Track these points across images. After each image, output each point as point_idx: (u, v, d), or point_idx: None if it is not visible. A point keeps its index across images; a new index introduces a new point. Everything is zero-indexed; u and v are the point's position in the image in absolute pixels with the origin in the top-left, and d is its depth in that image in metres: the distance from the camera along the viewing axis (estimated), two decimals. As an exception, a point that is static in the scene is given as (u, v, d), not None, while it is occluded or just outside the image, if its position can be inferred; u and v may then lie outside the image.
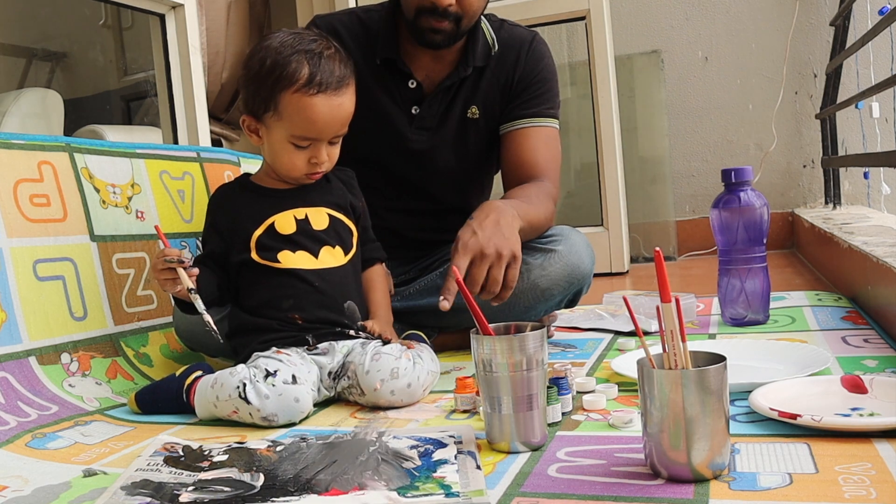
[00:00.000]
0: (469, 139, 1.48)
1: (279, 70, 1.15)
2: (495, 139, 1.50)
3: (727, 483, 0.74)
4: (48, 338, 1.23)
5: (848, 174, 2.83)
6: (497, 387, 0.87)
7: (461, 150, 1.49)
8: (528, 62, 1.46)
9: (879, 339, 1.28)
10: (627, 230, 2.78)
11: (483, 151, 1.51)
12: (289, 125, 1.17)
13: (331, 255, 1.23)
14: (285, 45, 1.17)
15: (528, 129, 1.44)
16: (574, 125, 3.00)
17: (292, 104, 1.15)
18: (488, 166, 1.57)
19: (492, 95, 1.46)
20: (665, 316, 0.78)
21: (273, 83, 1.16)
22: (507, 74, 1.46)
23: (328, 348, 1.18)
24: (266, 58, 1.17)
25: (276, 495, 0.79)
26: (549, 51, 1.51)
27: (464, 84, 1.45)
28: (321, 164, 1.20)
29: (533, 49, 1.47)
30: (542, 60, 1.47)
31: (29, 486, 0.88)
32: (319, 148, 1.19)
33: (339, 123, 1.19)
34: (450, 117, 1.46)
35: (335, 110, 1.17)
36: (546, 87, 1.47)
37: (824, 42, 2.87)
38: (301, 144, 1.18)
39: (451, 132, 1.47)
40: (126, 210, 1.46)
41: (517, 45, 1.46)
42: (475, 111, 1.46)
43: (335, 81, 1.17)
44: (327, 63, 1.17)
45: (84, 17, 3.46)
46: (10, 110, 2.59)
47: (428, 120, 1.45)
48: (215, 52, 2.99)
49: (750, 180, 1.48)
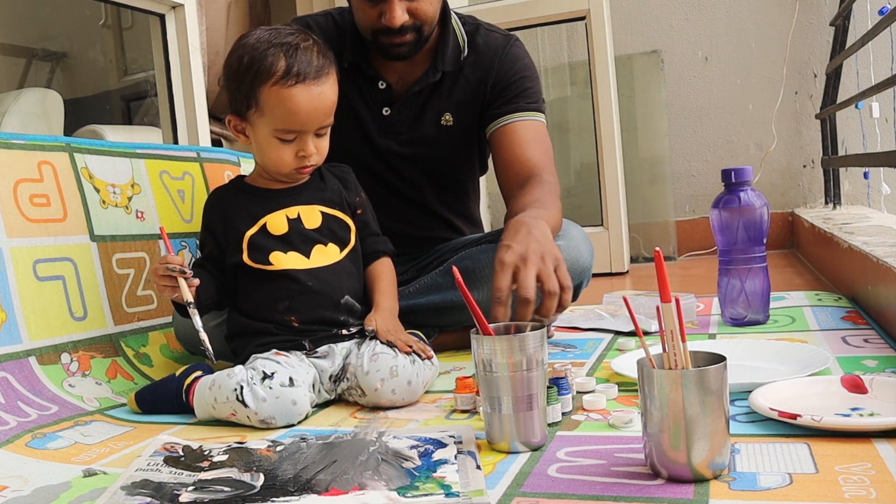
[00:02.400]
0: (443, 146, 1.47)
1: (256, 65, 1.15)
2: (472, 144, 1.49)
3: (727, 483, 0.74)
4: (48, 338, 1.23)
5: (848, 174, 2.83)
6: (497, 387, 0.87)
7: (435, 157, 1.48)
8: (503, 66, 1.43)
9: (879, 339, 1.28)
10: (627, 230, 2.78)
11: (460, 157, 1.50)
12: (271, 119, 1.16)
13: (323, 254, 1.22)
14: (261, 40, 1.17)
15: (514, 124, 1.41)
16: (574, 125, 3.00)
17: (272, 97, 1.15)
18: (468, 171, 1.56)
19: (467, 102, 1.44)
20: (665, 316, 0.78)
21: (251, 79, 1.15)
22: (482, 81, 1.43)
23: (327, 351, 1.18)
24: (243, 55, 1.17)
25: (276, 495, 0.79)
26: (525, 53, 1.48)
27: (436, 90, 1.44)
28: (309, 157, 1.20)
29: (507, 53, 1.45)
30: (518, 62, 1.45)
31: (29, 486, 0.88)
32: (305, 140, 1.18)
33: (322, 113, 1.18)
34: (422, 123, 1.45)
35: (316, 100, 1.16)
36: (526, 84, 1.44)
37: (824, 42, 2.87)
38: (286, 138, 1.18)
39: (424, 138, 1.46)
40: (126, 210, 1.46)
41: (491, 51, 1.44)
42: (449, 118, 1.44)
43: (313, 71, 1.16)
44: (304, 54, 1.16)
45: (84, 17, 3.46)
46: (10, 110, 2.59)
47: (398, 124, 1.44)
48: (215, 52, 2.99)
49: (750, 180, 1.48)
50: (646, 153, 3.03)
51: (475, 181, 1.62)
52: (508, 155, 1.41)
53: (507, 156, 1.41)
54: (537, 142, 1.41)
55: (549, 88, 3.11)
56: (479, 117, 1.45)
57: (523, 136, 1.40)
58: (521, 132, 1.41)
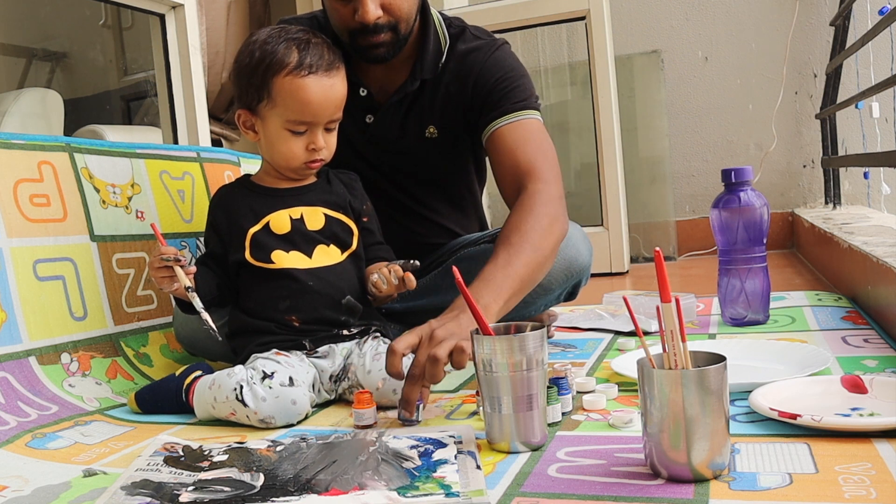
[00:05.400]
0: (431, 158, 1.44)
1: (269, 58, 1.17)
2: (463, 154, 1.47)
3: (727, 483, 0.74)
4: (48, 338, 1.23)
5: (848, 174, 2.83)
6: (497, 387, 0.87)
7: (425, 168, 1.46)
8: (485, 72, 1.37)
9: (879, 339, 1.28)
10: (627, 230, 2.78)
11: (451, 168, 1.48)
12: (283, 110, 1.17)
13: (325, 254, 1.23)
14: (272, 36, 1.19)
15: (501, 129, 1.35)
16: (574, 125, 3.00)
17: (285, 87, 1.16)
18: (462, 179, 1.53)
19: (450, 113, 1.40)
20: (665, 316, 0.78)
21: (264, 71, 1.17)
22: (463, 90, 1.39)
23: (328, 351, 1.18)
24: (255, 50, 1.19)
25: (276, 495, 0.79)
26: (511, 55, 1.42)
27: (416, 100, 1.40)
28: (319, 151, 1.20)
29: (491, 58, 1.39)
30: (499, 65, 1.39)
31: (29, 486, 0.88)
32: (316, 133, 1.19)
33: (334, 106, 1.19)
34: (406, 135, 1.42)
35: (328, 91, 1.18)
36: (510, 85, 1.37)
37: (824, 42, 2.87)
38: (297, 130, 1.19)
39: (410, 150, 1.43)
40: (126, 210, 1.46)
41: (472, 58, 1.39)
42: (433, 131, 1.41)
43: (325, 64, 1.18)
44: (315, 48, 1.18)
45: (84, 17, 3.46)
46: (10, 110, 2.59)
47: (382, 134, 1.42)
48: (215, 52, 2.99)
49: (750, 180, 1.48)
50: (646, 153, 3.03)
51: (473, 186, 1.58)
52: (503, 160, 1.35)
53: (502, 160, 1.35)
54: (528, 141, 1.34)
55: (549, 88, 3.11)
56: (466, 127, 1.42)
57: (512, 139, 1.34)
58: (509, 136, 1.35)
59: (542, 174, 1.29)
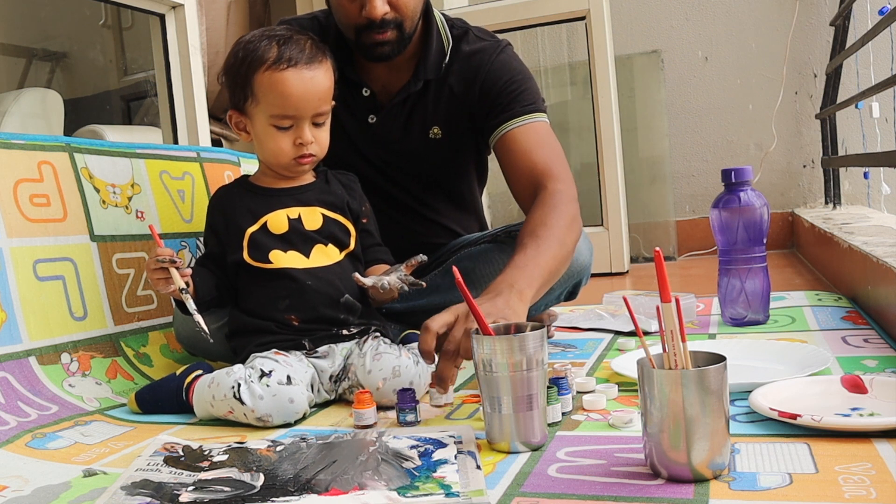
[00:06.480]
0: (434, 158, 1.44)
1: (251, 56, 1.19)
2: (466, 155, 1.48)
3: (727, 483, 0.74)
4: (48, 338, 1.23)
5: (848, 174, 2.83)
6: (497, 387, 0.87)
7: (428, 169, 1.46)
8: (491, 75, 1.38)
9: (879, 339, 1.28)
10: (627, 230, 2.78)
11: (454, 169, 1.48)
12: (266, 106, 1.18)
13: (323, 254, 1.23)
14: (256, 36, 1.21)
15: (513, 131, 1.35)
16: (574, 125, 3.00)
17: (264, 82, 1.17)
18: (464, 180, 1.53)
19: (454, 114, 1.40)
20: (665, 316, 0.78)
21: (246, 69, 1.19)
22: (469, 91, 1.39)
23: (328, 351, 1.18)
24: (239, 51, 1.21)
25: (276, 495, 0.79)
26: (515, 57, 1.42)
27: (420, 100, 1.40)
28: (307, 146, 1.20)
29: (494, 61, 1.39)
30: (506, 67, 1.39)
31: (29, 486, 0.88)
32: (302, 127, 1.19)
33: (316, 98, 1.19)
34: (410, 136, 1.42)
35: (308, 83, 1.18)
36: (519, 88, 1.38)
37: (824, 42, 2.87)
38: (282, 125, 1.19)
39: (414, 151, 1.43)
40: (126, 210, 1.46)
41: (477, 59, 1.39)
42: (437, 132, 1.41)
43: (305, 57, 1.18)
44: (296, 44, 1.19)
45: (84, 17, 3.46)
46: (10, 110, 2.59)
47: (385, 134, 1.42)
48: (215, 52, 2.99)
49: (750, 180, 1.48)
50: (646, 153, 3.03)
51: (473, 187, 1.58)
52: (513, 165, 1.36)
53: (512, 166, 1.36)
54: (541, 145, 1.36)
55: (549, 88, 3.11)
56: (470, 128, 1.42)
57: (525, 142, 1.35)
58: (522, 138, 1.35)
59: (561, 175, 1.32)
